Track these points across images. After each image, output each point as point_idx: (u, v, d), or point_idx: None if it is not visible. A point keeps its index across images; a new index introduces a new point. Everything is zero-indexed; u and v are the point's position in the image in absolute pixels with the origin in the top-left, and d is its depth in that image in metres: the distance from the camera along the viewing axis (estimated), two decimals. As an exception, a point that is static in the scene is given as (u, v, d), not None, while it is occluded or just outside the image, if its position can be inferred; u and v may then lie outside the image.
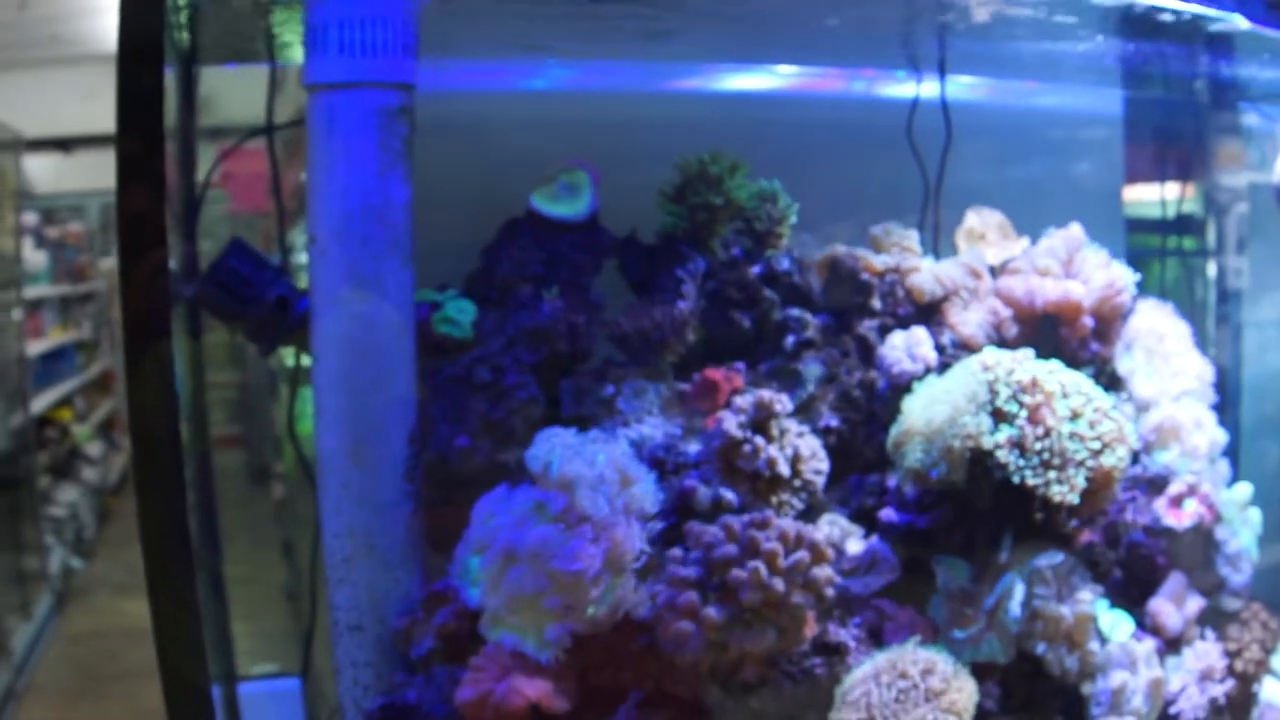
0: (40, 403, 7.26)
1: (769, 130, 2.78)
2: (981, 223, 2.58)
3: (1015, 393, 2.19)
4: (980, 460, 2.19)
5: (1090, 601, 2.23)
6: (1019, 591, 2.20)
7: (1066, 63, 2.70)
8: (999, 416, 2.19)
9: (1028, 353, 2.24)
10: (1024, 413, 2.17)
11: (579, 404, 2.24)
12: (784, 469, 2.16)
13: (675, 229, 2.43)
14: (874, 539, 2.29)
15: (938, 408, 2.19)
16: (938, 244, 2.69)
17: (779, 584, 1.94)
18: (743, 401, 2.18)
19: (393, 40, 2.10)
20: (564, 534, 2.01)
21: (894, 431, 2.24)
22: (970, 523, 2.28)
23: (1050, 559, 2.23)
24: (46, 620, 6.55)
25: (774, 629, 1.96)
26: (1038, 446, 2.15)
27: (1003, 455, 2.16)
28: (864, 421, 2.38)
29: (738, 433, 2.15)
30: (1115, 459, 2.18)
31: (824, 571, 1.99)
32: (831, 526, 2.30)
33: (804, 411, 2.35)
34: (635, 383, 2.28)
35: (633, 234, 2.46)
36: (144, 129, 1.57)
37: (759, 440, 2.15)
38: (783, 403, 2.19)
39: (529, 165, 2.47)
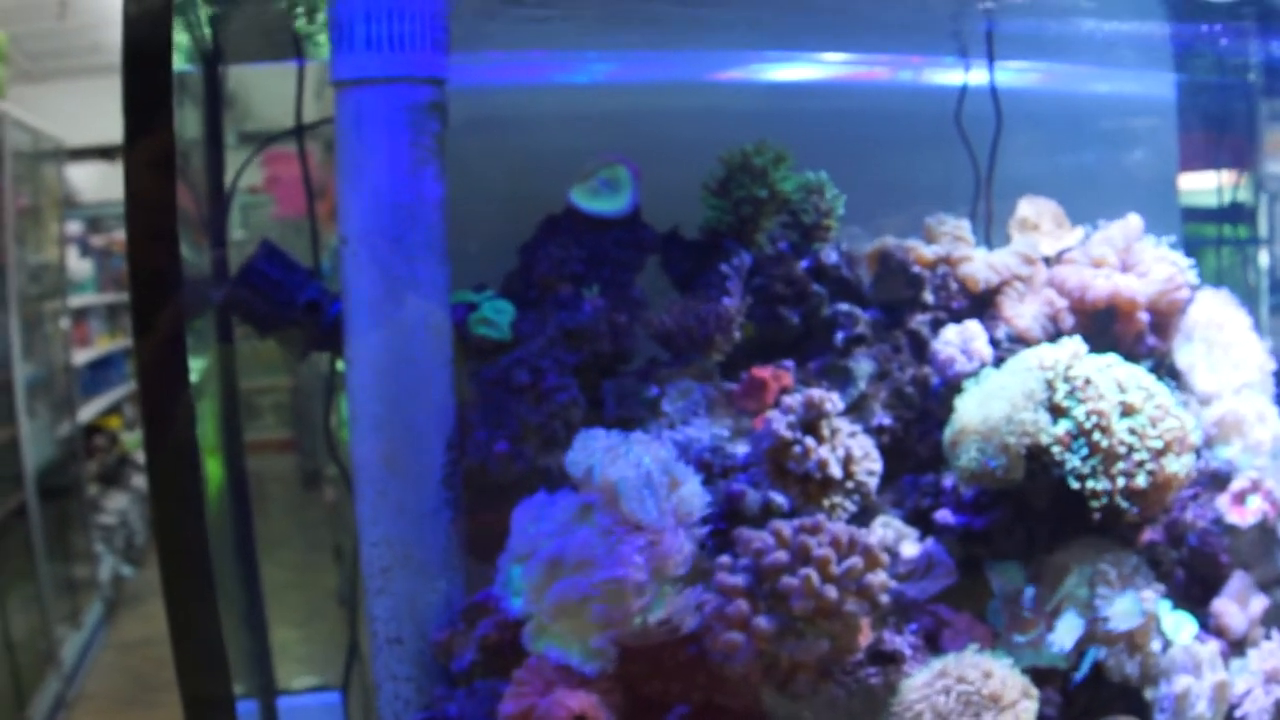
0: (88, 411, 7.28)
1: (815, 121, 2.70)
2: (1035, 212, 2.49)
3: (1073, 389, 2.11)
4: (1038, 458, 2.11)
5: (1153, 602, 2.13)
6: (1081, 594, 2.11)
7: (1118, 46, 2.60)
8: (1056, 412, 2.11)
9: (1083, 347, 2.15)
10: (1082, 409, 2.08)
11: (622, 406, 2.17)
12: (835, 470, 2.08)
13: (719, 223, 2.36)
14: (930, 541, 2.20)
15: (994, 405, 2.10)
16: (989, 235, 2.60)
17: (832, 591, 1.86)
18: (792, 401, 2.11)
19: (422, 34, 2.04)
20: (610, 540, 1.94)
21: (948, 431, 2.16)
22: (1028, 523, 2.19)
23: (1113, 559, 2.14)
24: (97, 628, 6.57)
25: (827, 638, 1.88)
26: (1096, 444, 2.06)
27: (1060, 453, 2.08)
28: (918, 419, 2.30)
29: (787, 433, 2.07)
30: (1179, 463, 2.09)
31: (878, 577, 1.91)
32: (885, 529, 2.22)
33: (855, 410, 2.26)
34: (680, 383, 2.21)
35: (676, 230, 2.39)
36: (150, 126, 1.52)
37: (809, 441, 2.07)
38: (833, 401, 2.11)
39: (570, 161, 2.41)
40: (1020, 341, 2.33)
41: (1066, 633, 2.11)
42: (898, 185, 2.68)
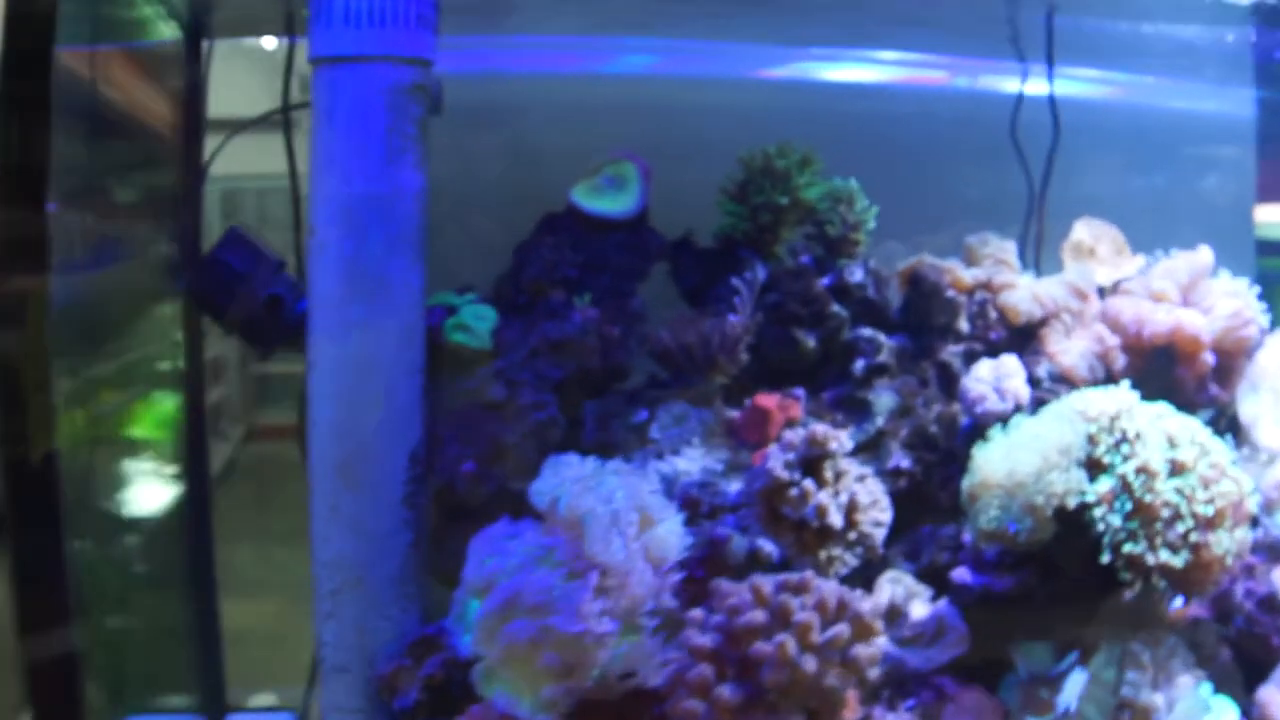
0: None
1: (861, 124, 2.49)
2: (1092, 236, 2.23)
3: (1118, 442, 1.86)
4: (1071, 517, 1.86)
5: (1190, 689, 1.88)
6: (1107, 676, 1.87)
7: (1193, 55, 2.33)
8: (1095, 468, 1.86)
9: (1134, 396, 1.90)
10: (1128, 466, 1.83)
11: (604, 429, 1.97)
12: (835, 519, 1.85)
13: (735, 231, 2.15)
14: (943, 602, 1.97)
15: (1022, 457, 1.86)
16: (1039, 258, 2.35)
17: (810, 663, 1.64)
18: (793, 436, 1.88)
19: (406, 10, 1.85)
20: (569, 583, 1.75)
21: (967, 482, 1.92)
22: (1057, 590, 1.95)
23: (1148, 638, 1.89)
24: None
25: (802, 714, 1.66)
26: (1140, 504, 1.81)
27: (1098, 515, 1.83)
28: (941, 463, 2.05)
29: (784, 473, 1.85)
30: (1229, 539, 1.83)
31: (868, 649, 1.68)
32: (894, 585, 1.99)
33: (870, 449, 2.04)
34: (674, 407, 2.00)
35: (687, 235, 2.18)
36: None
37: (808, 484, 1.85)
38: (839, 440, 1.88)
39: (584, 155, 2.22)
40: (1064, 382, 2.09)
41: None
42: (946, 199, 2.47)
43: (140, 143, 2.12)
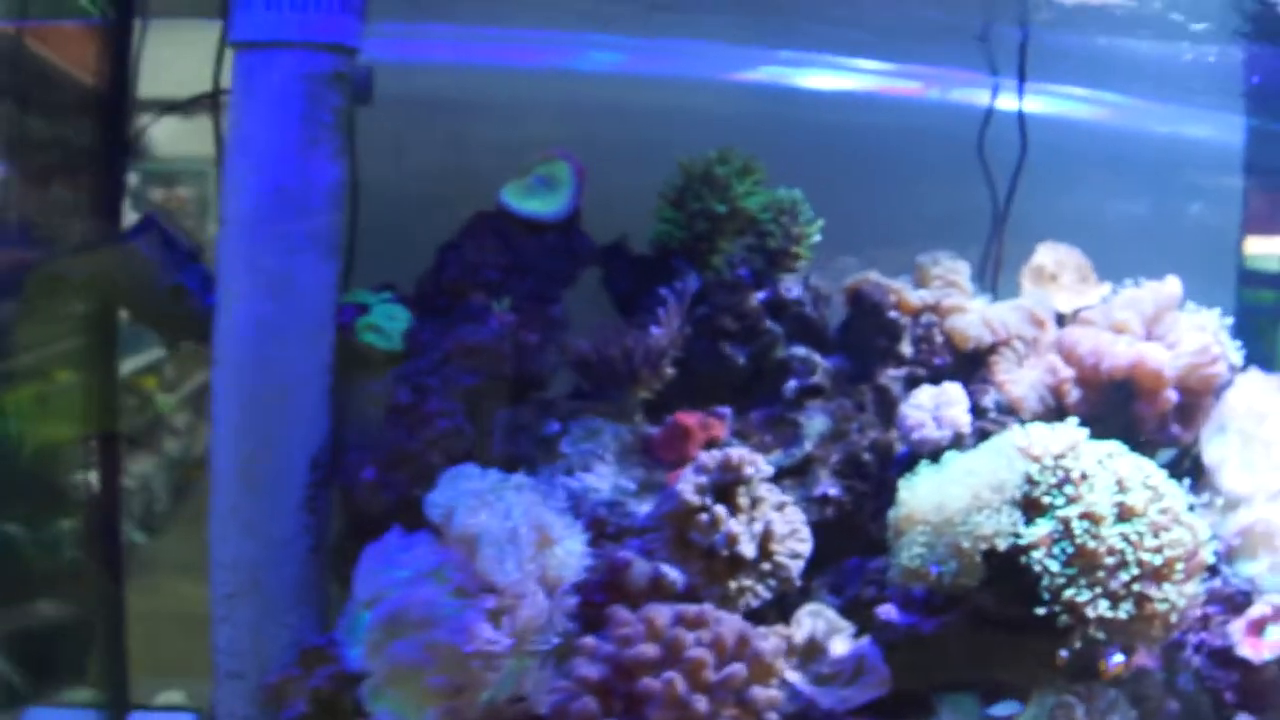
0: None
1: (827, 133, 2.38)
2: (1055, 261, 2.11)
3: (1061, 482, 1.74)
4: (1004, 560, 1.75)
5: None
6: (1037, 731, 1.76)
7: (1182, 80, 2.20)
8: (1034, 509, 1.75)
9: (1082, 434, 1.78)
10: (1070, 510, 1.72)
11: (512, 441, 1.88)
12: (747, 548, 1.76)
13: (670, 239, 2.06)
14: (865, 641, 1.87)
15: (952, 491, 1.76)
16: (996, 281, 2.23)
17: (701, 703, 1.54)
18: (708, 459, 1.79)
19: (328, -5, 1.78)
20: (458, 601, 1.67)
21: (892, 514, 1.81)
22: (988, 635, 1.84)
23: (1084, 691, 1.78)
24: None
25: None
26: (1081, 552, 1.70)
27: (1035, 559, 1.71)
28: (873, 493, 1.96)
29: (694, 498, 1.76)
30: (1175, 592, 1.71)
31: (766, 693, 1.59)
32: (815, 619, 1.89)
33: (797, 474, 1.95)
34: (589, 421, 1.91)
35: (621, 241, 2.09)
36: None
37: (719, 510, 1.76)
38: (756, 465, 1.79)
39: (527, 153, 2.14)
40: (1011, 413, 1.99)
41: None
42: (912, 214, 2.36)
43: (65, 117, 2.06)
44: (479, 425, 1.89)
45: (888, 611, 1.89)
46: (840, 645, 1.89)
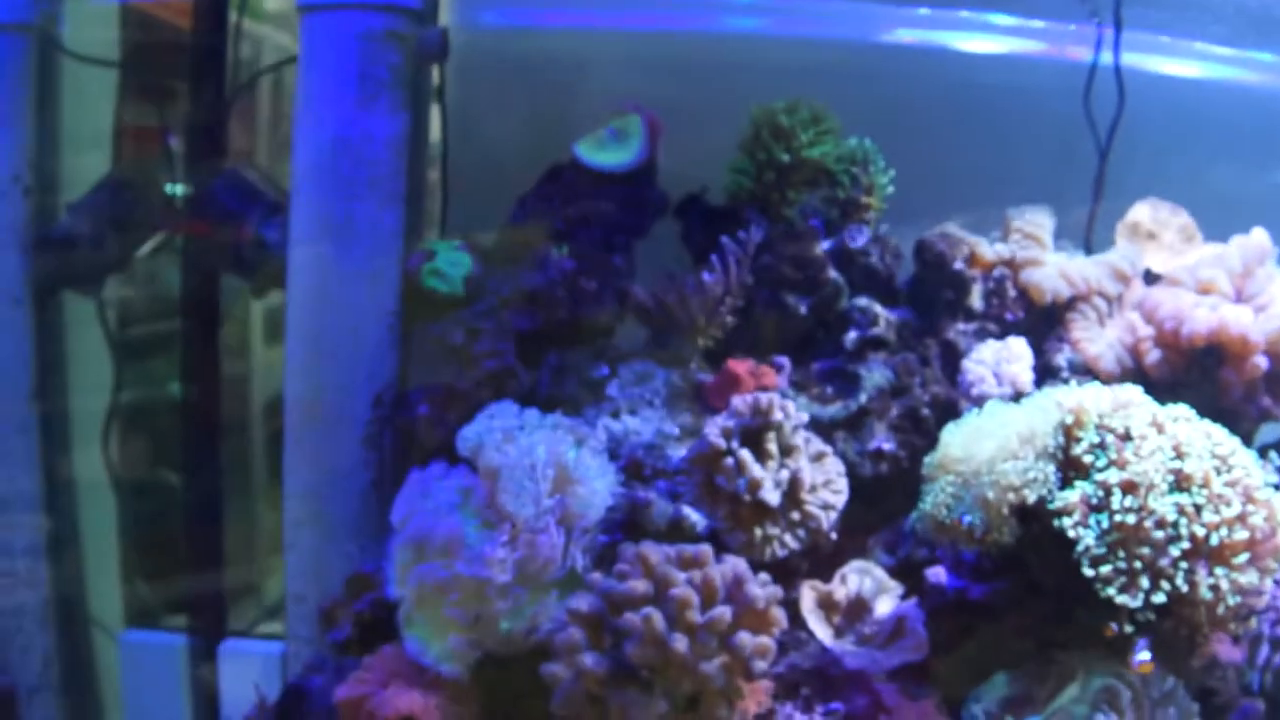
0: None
1: (921, 87, 2.27)
2: (1154, 218, 1.95)
3: (1103, 441, 1.61)
4: (1042, 521, 1.64)
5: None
6: (1077, 712, 1.63)
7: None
8: (1075, 469, 1.62)
9: (1133, 390, 1.64)
10: (1111, 471, 1.58)
11: (558, 383, 1.91)
12: (770, 495, 1.71)
13: (740, 189, 2.03)
14: (909, 603, 1.79)
15: (985, 440, 1.65)
16: (1090, 239, 2.07)
17: (680, 643, 1.52)
18: (741, 404, 1.76)
19: (383, -44, 1.87)
20: (479, 531, 1.72)
21: (927, 461, 1.72)
22: (1038, 605, 1.72)
23: (1138, 676, 1.64)
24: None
25: (667, 699, 1.55)
26: (1117, 524, 1.55)
27: (1068, 524, 1.59)
28: (929, 448, 1.86)
29: (719, 441, 1.74)
30: (1242, 577, 1.53)
31: (756, 640, 1.54)
32: (862, 576, 1.83)
33: (851, 426, 1.87)
34: (640, 366, 1.91)
35: (697, 193, 2.08)
36: None
37: (743, 454, 1.72)
38: (787, 411, 1.74)
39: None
40: (1086, 373, 1.85)
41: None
42: (1010, 173, 2.21)
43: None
44: (534, 368, 1.94)
45: (936, 574, 1.81)
46: (885, 605, 1.82)
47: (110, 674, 2.28)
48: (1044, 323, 1.91)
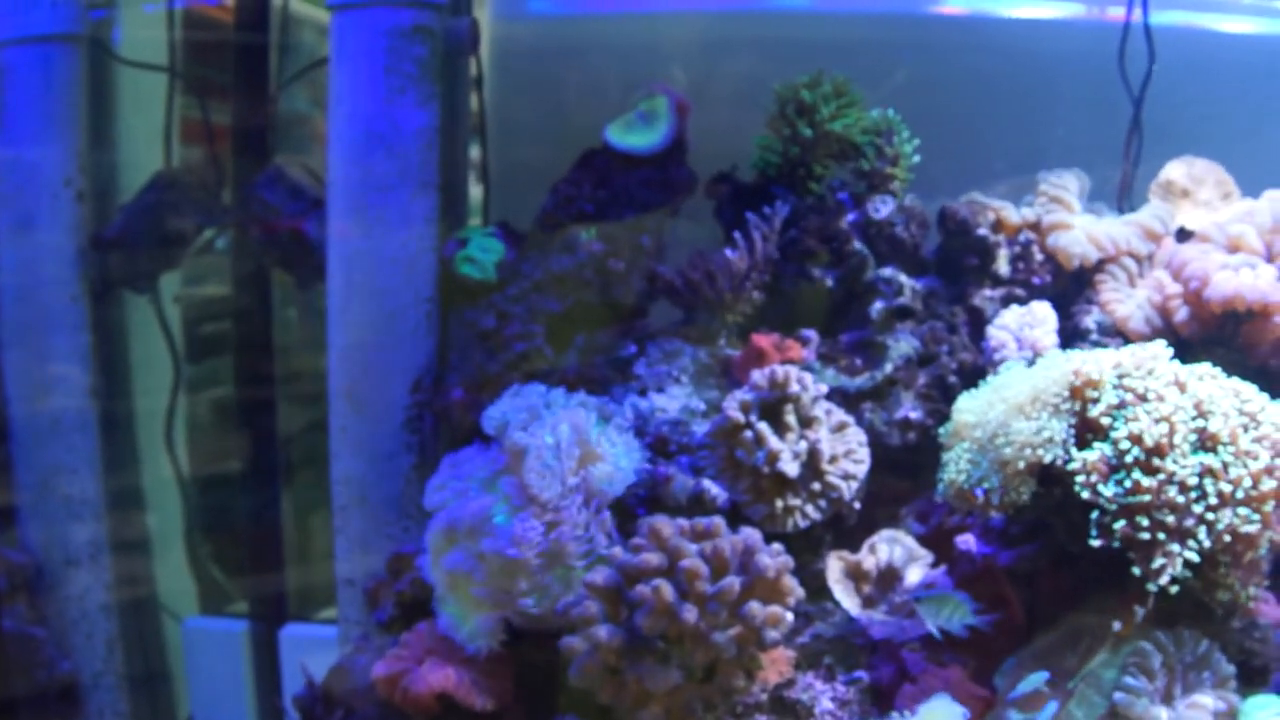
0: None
1: (963, 56, 2.25)
2: (1188, 175, 1.89)
3: (1121, 401, 1.58)
4: (1064, 485, 1.61)
5: (1208, 711, 1.56)
6: (1105, 676, 1.61)
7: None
8: (1093, 431, 1.59)
9: (1154, 347, 1.60)
10: (1127, 430, 1.55)
11: (587, 363, 1.94)
12: (789, 467, 1.72)
13: (767, 165, 2.03)
14: (938, 571, 1.78)
15: (996, 407, 1.63)
16: (1123, 200, 2.02)
17: (689, 613, 1.53)
18: (759, 377, 1.77)
19: (406, -47, 1.92)
20: (505, 512, 1.76)
21: (943, 430, 1.71)
22: (1068, 570, 1.70)
23: (1171, 639, 1.60)
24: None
25: (681, 669, 1.56)
26: (1139, 484, 1.52)
27: (1082, 484, 1.57)
28: (958, 417, 1.85)
29: (737, 415, 1.75)
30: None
31: (767, 610, 1.55)
32: (892, 545, 1.83)
33: (878, 396, 1.87)
34: (667, 344, 1.94)
35: (727, 171, 2.09)
36: None
37: (761, 427, 1.74)
38: (804, 383, 1.75)
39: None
40: (1116, 335, 1.82)
41: None
42: (1044, 140, 2.17)
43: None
44: (563, 350, 1.97)
45: (966, 541, 1.80)
46: (915, 574, 1.82)
47: (176, 660, 2.39)
48: (1074, 285, 1.88)
